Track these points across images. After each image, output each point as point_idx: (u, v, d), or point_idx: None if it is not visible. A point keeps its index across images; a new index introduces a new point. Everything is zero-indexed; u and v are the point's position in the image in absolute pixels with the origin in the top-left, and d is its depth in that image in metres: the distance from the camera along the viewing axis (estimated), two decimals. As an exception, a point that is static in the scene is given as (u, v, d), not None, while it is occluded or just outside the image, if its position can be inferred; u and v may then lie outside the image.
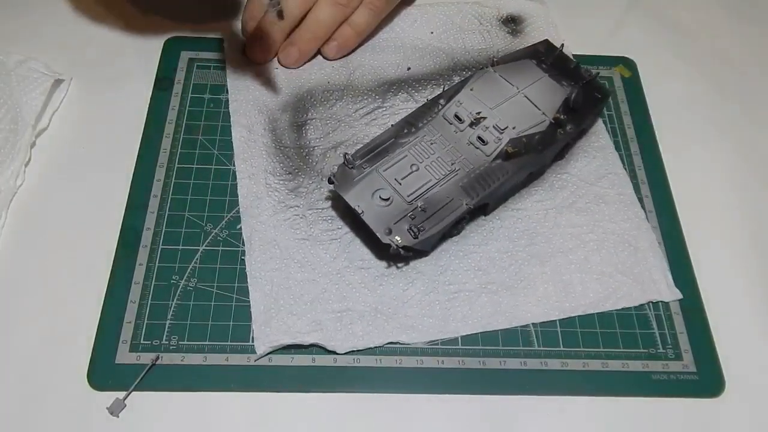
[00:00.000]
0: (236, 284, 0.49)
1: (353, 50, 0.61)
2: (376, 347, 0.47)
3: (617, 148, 0.58)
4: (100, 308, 0.47)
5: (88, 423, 0.43)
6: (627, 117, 0.60)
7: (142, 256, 0.50)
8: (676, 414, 0.46)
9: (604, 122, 0.59)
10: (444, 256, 0.50)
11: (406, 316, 0.48)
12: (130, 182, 0.53)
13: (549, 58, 0.56)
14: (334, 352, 0.46)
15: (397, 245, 0.46)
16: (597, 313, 0.49)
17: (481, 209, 0.51)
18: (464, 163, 0.50)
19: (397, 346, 0.47)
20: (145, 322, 0.47)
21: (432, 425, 0.45)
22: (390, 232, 0.47)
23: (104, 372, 0.45)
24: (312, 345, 0.46)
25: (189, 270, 0.50)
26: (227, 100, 0.58)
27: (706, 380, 0.47)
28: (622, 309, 0.50)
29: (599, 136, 0.58)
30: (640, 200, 0.55)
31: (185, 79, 0.60)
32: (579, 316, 0.49)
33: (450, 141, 0.51)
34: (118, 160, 0.54)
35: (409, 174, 0.49)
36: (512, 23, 0.65)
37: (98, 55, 0.61)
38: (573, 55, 0.63)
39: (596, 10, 0.68)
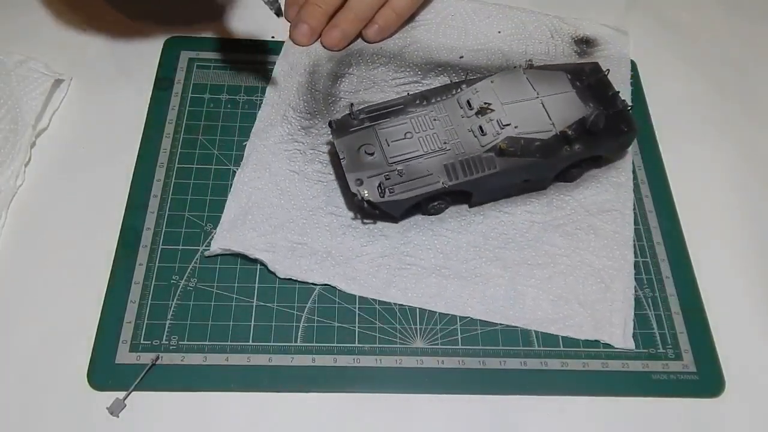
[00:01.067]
0: (236, 284, 0.49)
1: (394, 33, 0.62)
2: (310, 283, 0.49)
3: (617, 148, 0.58)
4: (100, 308, 0.47)
5: (88, 423, 0.43)
6: (627, 117, 0.60)
7: (142, 256, 0.50)
8: (676, 414, 0.46)
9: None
10: (413, 229, 0.52)
11: (354, 268, 0.49)
12: (130, 182, 0.53)
13: (589, 78, 0.54)
14: (275, 274, 0.49)
15: (362, 197, 0.48)
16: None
17: (465, 197, 0.52)
18: (457, 146, 0.50)
19: (397, 346, 0.47)
20: (145, 322, 0.47)
21: (432, 425, 0.45)
22: (361, 183, 0.49)
23: (104, 372, 0.45)
24: (258, 261, 0.49)
25: (189, 270, 0.50)
26: (227, 100, 0.58)
27: (706, 380, 0.47)
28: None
29: (621, 172, 0.55)
30: (639, 201, 0.55)
31: (185, 79, 0.60)
32: (520, 329, 0.48)
33: (453, 123, 0.51)
34: (118, 160, 0.54)
35: (400, 139, 0.50)
36: (584, 44, 0.63)
37: (98, 55, 0.61)
38: (573, 55, 0.63)
39: (596, 10, 0.68)
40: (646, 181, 0.56)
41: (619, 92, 0.53)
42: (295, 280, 0.49)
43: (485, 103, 0.51)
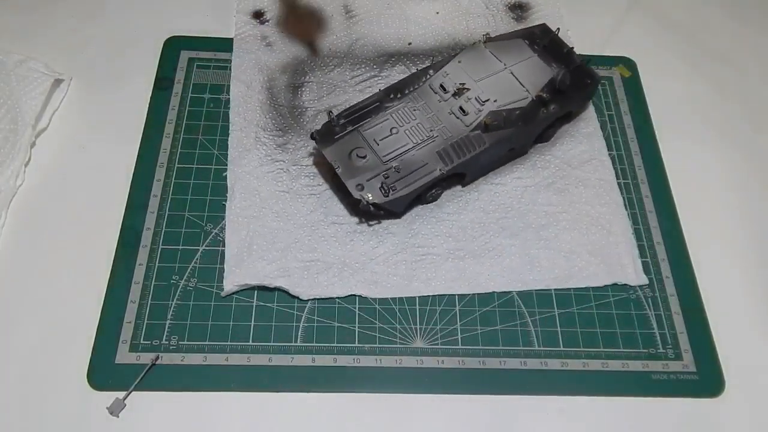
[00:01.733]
0: (236, 284, 0.49)
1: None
2: (338, 297, 0.49)
3: (617, 148, 0.58)
4: (100, 308, 0.47)
5: (88, 423, 0.43)
6: (627, 117, 0.60)
7: (142, 256, 0.50)
8: (676, 414, 0.46)
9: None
10: (417, 220, 0.52)
11: (372, 272, 0.49)
12: (130, 182, 0.53)
13: (543, 40, 0.56)
14: (298, 299, 0.48)
15: (367, 201, 0.48)
16: (597, 313, 0.49)
17: (458, 178, 0.52)
18: (443, 131, 0.51)
19: (397, 346, 0.47)
20: (145, 322, 0.47)
21: (432, 425, 0.45)
22: (362, 188, 0.49)
23: (104, 372, 0.45)
24: (277, 289, 0.48)
25: (189, 270, 0.50)
26: (227, 100, 0.58)
27: (706, 380, 0.47)
28: (622, 308, 0.50)
29: (588, 122, 0.59)
30: (639, 201, 0.55)
31: (185, 78, 0.60)
32: (555, 292, 0.50)
33: (432, 109, 0.52)
34: (118, 160, 0.54)
35: (388, 136, 0.51)
36: (519, 9, 0.66)
37: (98, 55, 0.61)
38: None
39: (596, 10, 0.68)
40: (646, 181, 0.56)
41: (573, 48, 0.56)
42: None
43: (460, 84, 0.52)
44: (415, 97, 0.53)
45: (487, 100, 0.51)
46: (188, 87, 0.59)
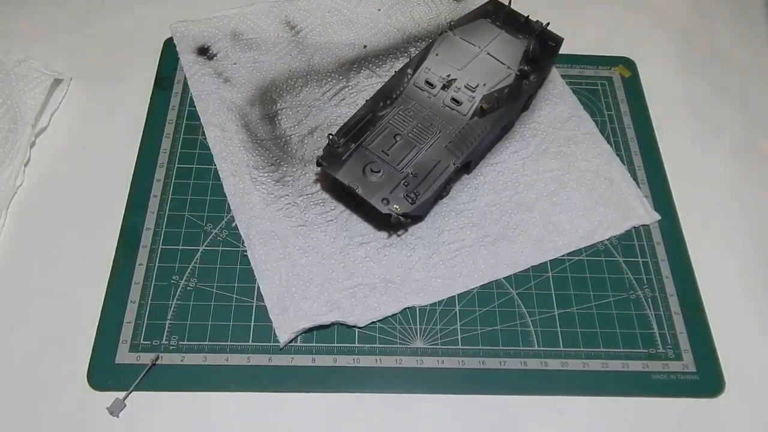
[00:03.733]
0: (236, 284, 0.49)
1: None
2: (389, 316, 0.48)
3: (617, 149, 0.58)
4: (100, 308, 0.47)
5: (88, 423, 0.43)
6: (627, 117, 0.60)
7: (142, 256, 0.50)
8: (676, 414, 0.46)
9: (603, 122, 0.59)
10: (438, 218, 0.52)
11: (415, 280, 0.49)
12: (130, 182, 0.53)
13: (500, 15, 0.57)
14: (356, 327, 0.47)
15: (397, 214, 0.48)
16: (597, 313, 0.49)
17: (464, 167, 0.53)
18: (443, 125, 0.52)
19: (397, 346, 0.47)
20: (145, 322, 0.47)
21: (432, 425, 0.45)
22: (388, 202, 0.48)
23: (104, 372, 0.45)
24: (334, 324, 0.47)
25: (189, 270, 0.50)
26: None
27: (706, 380, 0.47)
28: (622, 308, 0.50)
29: (556, 83, 0.60)
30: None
31: (185, 78, 0.60)
32: (570, 261, 0.51)
33: (426, 107, 0.52)
34: (118, 160, 0.54)
35: (394, 144, 0.51)
36: None
37: (98, 55, 0.61)
38: (573, 54, 0.63)
39: (596, 10, 0.68)
40: (646, 181, 0.56)
41: (528, 15, 0.57)
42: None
43: (446, 76, 0.52)
44: (405, 99, 0.53)
45: (477, 86, 0.52)
46: (188, 87, 0.59)
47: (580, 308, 0.50)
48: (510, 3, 0.57)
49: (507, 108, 0.53)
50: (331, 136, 0.50)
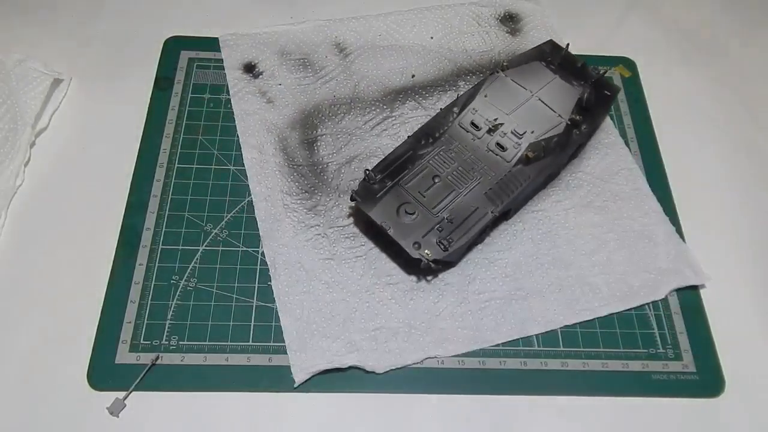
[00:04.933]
0: (236, 284, 0.49)
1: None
2: (409, 364, 0.46)
3: (617, 148, 0.58)
4: (100, 308, 0.47)
5: (88, 423, 0.43)
6: (627, 117, 0.60)
7: (142, 256, 0.50)
8: (676, 414, 0.46)
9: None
10: (470, 265, 0.50)
11: (440, 329, 0.47)
12: (130, 182, 0.53)
13: (556, 58, 0.55)
14: (374, 372, 0.46)
15: (427, 259, 0.46)
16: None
17: (504, 215, 0.51)
18: (485, 170, 0.50)
19: (397, 346, 0.47)
20: (145, 322, 0.47)
21: (432, 425, 0.45)
22: (419, 246, 0.47)
23: (104, 372, 0.45)
24: (350, 367, 0.46)
25: (189, 270, 0.50)
26: (227, 100, 0.58)
27: (706, 380, 0.47)
28: (622, 309, 0.50)
29: (608, 132, 0.58)
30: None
31: (185, 79, 0.60)
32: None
33: (469, 149, 0.51)
34: (118, 160, 0.54)
35: (432, 186, 0.49)
36: (510, 22, 0.65)
37: (98, 55, 0.61)
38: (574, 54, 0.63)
39: (596, 10, 0.68)
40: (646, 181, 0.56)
41: (585, 61, 0.55)
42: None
43: (493, 120, 0.51)
44: (448, 140, 0.51)
45: (524, 133, 0.50)
46: (188, 87, 0.59)
47: (580, 308, 0.50)
48: (567, 46, 0.56)
49: (554, 157, 0.51)
50: (368, 171, 0.49)
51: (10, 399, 0.44)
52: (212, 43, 0.62)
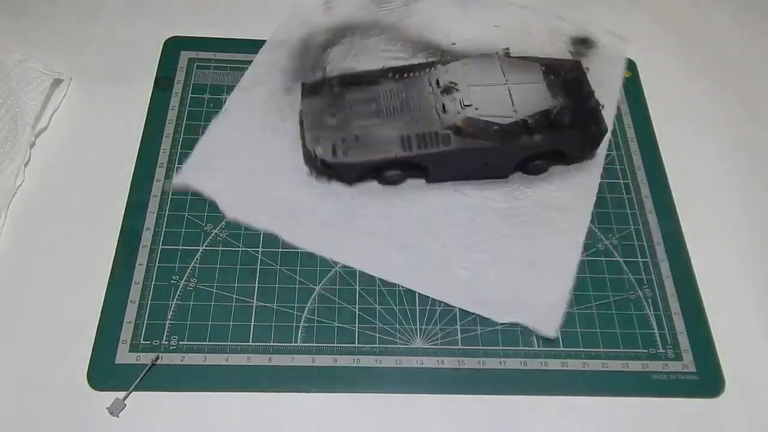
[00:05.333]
0: (236, 284, 0.49)
1: None
2: (259, 229, 0.51)
3: (617, 149, 0.58)
4: (100, 308, 0.47)
5: (88, 423, 0.43)
6: (627, 117, 0.60)
7: (142, 256, 0.50)
8: (676, 414, 0.46)
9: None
10: (366, 194, 0.53)
11: (301, 222, 0.51)
12: (130, 182, 0.53)
13: (567, 74, 0.54)
14: (224, 215, 0.51)
15: (316, 154, 0.50)
16: (597, 313, 0.49)
17: (421, 171, 0.52)
18: (417, 120, 0.51)
19: (398, 346, 0.47)
20: (145, 322, 0.47)
21: (432, 425, 0.45)
22: (317, 142, 0.51)
23: (104, 372, 0.45)
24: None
25: (189, 270, 0.50)
26: (227, 100, 0.58)
27: (706, 380, 0.47)
28: (622, 308, 0.50)
29: (588, 175, 0.55)
30: (639, 201, 0.55)
31: (185, 79, 0.60)
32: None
33: (419, 99, 0.52)
34: (118, 160, 0.54)
35: (365, 107, 0.52)
36: (582, 45, 0.63)
37: (98, 55, 0.61)
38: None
39: (597, 10, 0.68)
40: (646, 181, 0.56)
41: (594, 91, 0.54)
42: (294, 280, 0.49)
43: (451, 82, 0.52)
44: (410, 83, 0.53)
45: (469, 105, 0.50)
46: (188, 87, 0.59)
47: (580, 308, 0.50)
48: (588, 70, 0.55)
49: (490, 146, 0.50)
50: (325, 69, 0.56)
51: (10, 399, 0.44)
52: (212, 43, 0.62)
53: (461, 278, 0.50)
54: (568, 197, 0.54)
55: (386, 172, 0.52)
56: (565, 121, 0.51)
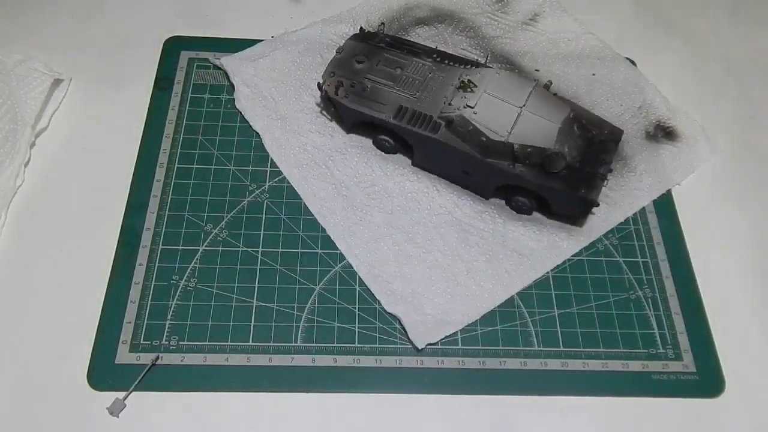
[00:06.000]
0: (236, 284, 0.49)
1: None
2: (255, 129, 0.56)
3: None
4: (100, 308, 0.47)
5: (88, 423, 0.43)
6: (627, 117, 0.60)
7: (142, 256, 0.50)
8: (676, 414, 0.46)
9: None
10: (356, 148, 0.55)
11: (290, 151, 0.55)
12: (130, 182, 0.53)
13: (600, 135, 0.51)
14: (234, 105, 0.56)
15: (320, 85, 0.54)
16: (597, 313, 0.49)
17: (406, 145, 0.54)
18: (423, 100, 0.52)
19: (398, 346, 0.47)
20: (145, 322, 0.47)
21: (432, 425, 0.45)
22: (333, 75, 0.54)
23: (104, 372, 0.45)
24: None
25: (189, 270, 0.50)
26: (227, 100, 0.58)
27: (706, 380, 0.47)
28: (622, 308, 0.50)
29: (566, 237, 0.52)
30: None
31: (185, 79, 0.60)
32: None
33: (439, 85, 0.53)
34: (118, 160, 0.54)
35: (389, 69, 0.54)
36: (662, 132, 0.58)
37: (98, 55, 0.61)
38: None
39: (597, 10, 0.68)
40: (646, 182, 0.56)
41: (611, 162, 0.50)
42: (294, 280, 0.49)
43: (471, 82, 0.51)
44: (443, 69, 0.54)
45: (471, 108, 0.49)
46: (188, 87, 0.59)
47: (580, 308, 0.50)
48: (622, 133, 0.52)
49: (470, 155, 0.50)
50: (383, 24, 0.59)
51: (10, 399, 0.44)
52: (212, 43, 0.62)
53: (377, 254, 0.50)
54: (532, 248, 0.51)
55: (379, 135, 0.54)
56: (554, 167, 0.48)
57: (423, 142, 0.52)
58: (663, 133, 0.58)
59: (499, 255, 0.51)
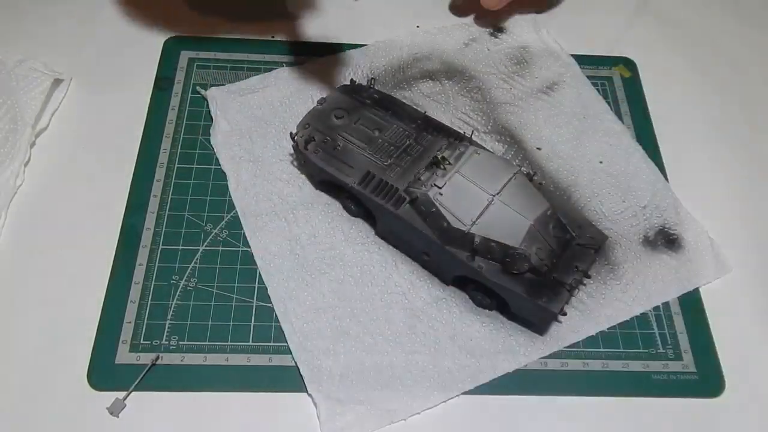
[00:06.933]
0: (236, 284, 0.49)
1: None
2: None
3: (617, 149, 0.57)
4: (100, 308, 0.47)
5: (88, 423, 0.43)
6: (627, 117, 0.60)
7: (142, 256, 0.50)
8: (676, 414, 0.46)
9: None
10: (324, 207, 0.52)
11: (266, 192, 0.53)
12: (130, 182, 0.53)
13: (582, 238, 0.47)
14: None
15: (293, 135, 0.51)
16: (597, 313, 0.49)
17: (369, 213, 0.50)
18: (394, 170, 0.48)
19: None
20: (145, 322, 0.47)
21: (432, 425, 0.45)
22: (306, 127, 0.51)
23: (104, 372, 0.45)
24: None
25: (189, 270, 0.50)
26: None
27: (706, 380, 0.47)
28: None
29: (522, 346, 0.47)
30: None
31: (185, 79, 0.60)
32: None
33: (416, 157, 0.48)
34: (118, 160, 0.54)
35: (369, 129, 0.51)
36: (665, 239, 0.52)
37: (98, 55, 0.61)
38: (574, 54, 0.63)
39: (597, 10, 0.68)
40: (646, 182, 0.56)
41: (588, 273, 0.46)
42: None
43: (443, 158, 0.47)
44: (424, 138, 0.50)
45: (438, 188, 0.45)
46: (188, 87, 0.59)
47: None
48: (605, 242, 0.48)
49: (430, 238, 0.46)
50: (373, 80, 0.55)
51: (10, 399, 0.44)
52: (212, 43, 0.62)
53: (314, 325, 0.47)
54: (484, 348, 0.47)
55: (344, 197, 0.51)
56: (515, 268, 0.43)
57: (385, 215, 0.48)
58: (664, 240, 0.52)
59: (445, 350, 0.46)
